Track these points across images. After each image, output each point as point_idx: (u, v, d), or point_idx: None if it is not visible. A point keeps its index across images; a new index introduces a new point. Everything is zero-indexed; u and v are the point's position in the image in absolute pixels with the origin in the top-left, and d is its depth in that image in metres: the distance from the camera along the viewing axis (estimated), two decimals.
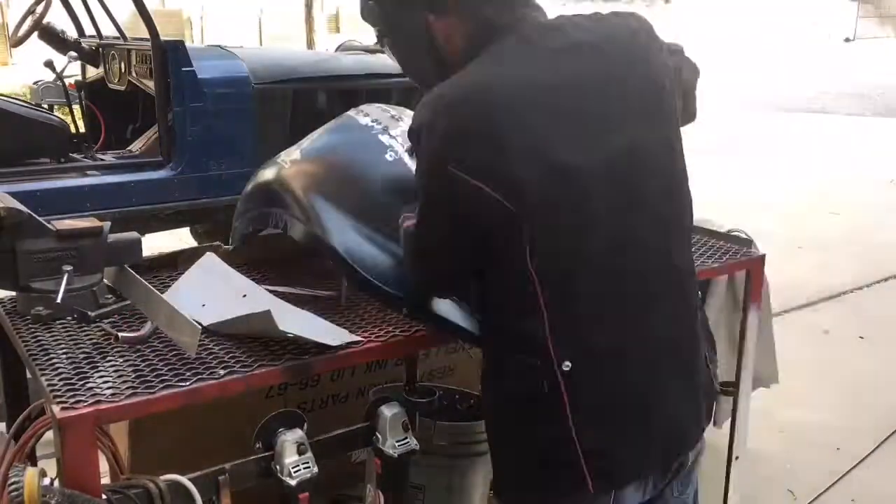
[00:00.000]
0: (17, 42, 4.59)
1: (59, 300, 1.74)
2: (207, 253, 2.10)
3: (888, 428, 3.52)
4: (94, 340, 1.69)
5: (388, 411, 1.85)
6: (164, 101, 3.90)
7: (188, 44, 4.14)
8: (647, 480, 1.50)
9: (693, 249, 2.24)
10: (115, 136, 4.59)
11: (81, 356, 1.62)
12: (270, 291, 1.93)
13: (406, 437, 1.85)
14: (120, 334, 1.66)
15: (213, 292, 1.90)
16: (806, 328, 4.69)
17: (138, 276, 1.84)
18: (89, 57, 4.61)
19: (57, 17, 4.54)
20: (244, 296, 1.88)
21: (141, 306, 1.79)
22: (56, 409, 1.39)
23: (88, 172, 3.95)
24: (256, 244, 2.17)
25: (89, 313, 1.78)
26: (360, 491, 1.97)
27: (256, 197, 1.96)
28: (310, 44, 12.26)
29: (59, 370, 1.55)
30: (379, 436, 1.85)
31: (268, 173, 1.93)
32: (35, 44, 4.57)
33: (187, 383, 1.50)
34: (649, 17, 1.74)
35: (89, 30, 4.74)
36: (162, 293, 1.95)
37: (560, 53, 1.42)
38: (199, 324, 1.76)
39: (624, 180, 1.41)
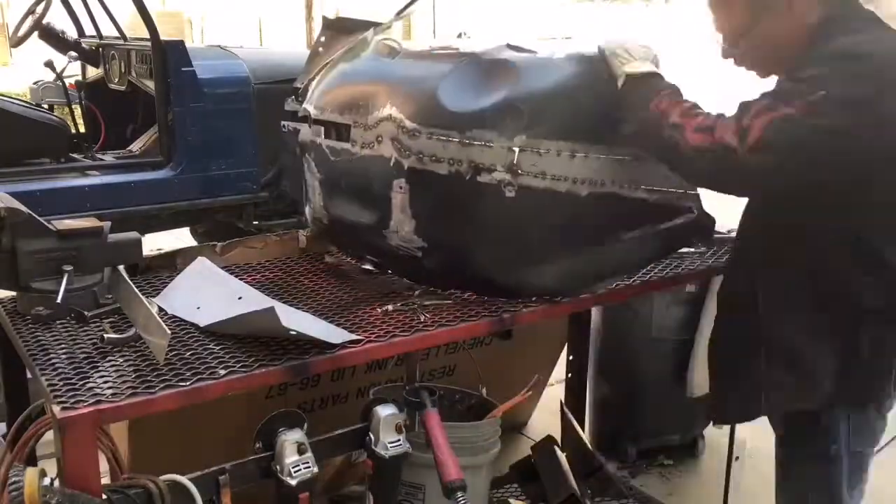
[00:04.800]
0: (18, 42, 4.59)
1: (59, 300, 1.74)
2: (199, 257, 2.10)
3: (889, 429, 3.51)
4: (95, 340, 1.68)
5: (382, 412, 1.85)
6: (164, 101, 3.90)
7: (188, 44, 4.13)
8: None
9: (693, 249, 2.26)
10: (115, 136, 4.59)
11: (81, 356, 1.62)
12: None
13: (399, 439, 1.85)
14: (105, 335, 1.66)
15: (208, 295, 1.90)
16: None
17: (125, 278, 1.84)
18: (89, 57, 4.61)
19: (57, 17, 4.54)
20: (240, 298, 1.88)
21: (125, 308, 1.79)
22: (56, 409, 1.39)
23: (88, 172, 3.95)
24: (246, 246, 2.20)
25: (85, 313, 1.78)
26: (360, 491, 1.97)
27: None
28: (310, 44, 12.26)
29: (60, 370, 1.55)
30: (372, 436, 1.85)
31: None
32: (35, 43, 4.57)
33: (187, 383, 1.50)
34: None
35: (89, 30, 4.74)
36: (157, 295, 1.96)
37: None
38: (196, 325, 1.77)
39: None
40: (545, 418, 3.30)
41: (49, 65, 4.52)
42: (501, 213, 1.78)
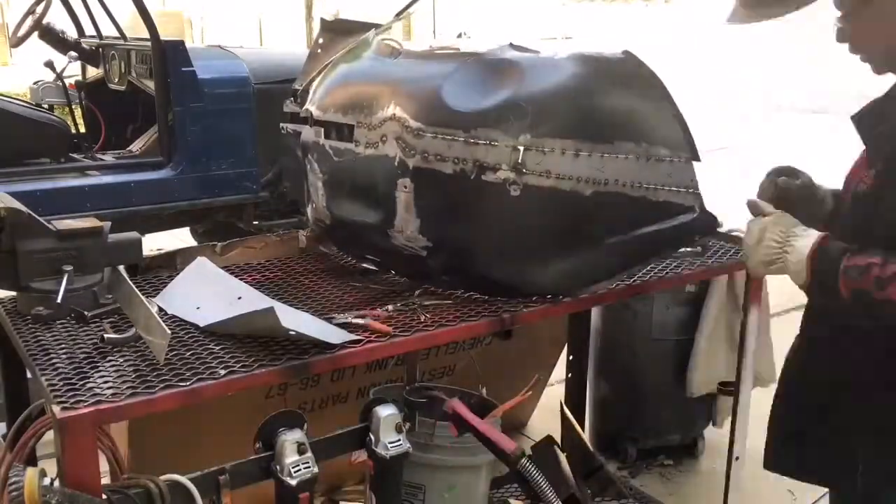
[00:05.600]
0: (18, 42, 4.60)
1: (59, 300, 1.74)
2: (199, 257, 2.10)
3: None
4: (95, 340, 1.68)
5: (382, 412, 1.85)
6: (164, 101, 3.90)
7: (188, 44, 4.14)
8: None
9: (693, 249, 2.26)
10: (115, 136, 4.59)
11: (81, 356, 1.62)
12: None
13: (399, 439, 1.85)
14: (105, 335, 1.66)
15: (208, 295, 1.90)
16: None
17: (125, 278, 1.83)
18: (89, 57, 4.61)
19: (57, 17, 4.55)
20: (239, 298, 1.88)
21: (125, 308, 1.79)
22: (56, 409, 1.39)
23: (88, 172, 3.95)
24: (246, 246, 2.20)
25: (86, 313, 1.78)
26: (360, 491, 1.97)
27: None
28: (310, 44, 12.26)
29: (60, 370, 1.55)
30: (372, 437, 1.85)
31: None
32: (35, 43, 4.58)
33: (187, 383, 1.50)
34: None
35: (89, 30, 4.74)
36: (157, 295, 1.96)
37: None
38: (196, 326, 1.77)
39: None
40: (545, 418, 3.30)
41: (49, 65, 4.52)
42: (506, 211, 1.78)
